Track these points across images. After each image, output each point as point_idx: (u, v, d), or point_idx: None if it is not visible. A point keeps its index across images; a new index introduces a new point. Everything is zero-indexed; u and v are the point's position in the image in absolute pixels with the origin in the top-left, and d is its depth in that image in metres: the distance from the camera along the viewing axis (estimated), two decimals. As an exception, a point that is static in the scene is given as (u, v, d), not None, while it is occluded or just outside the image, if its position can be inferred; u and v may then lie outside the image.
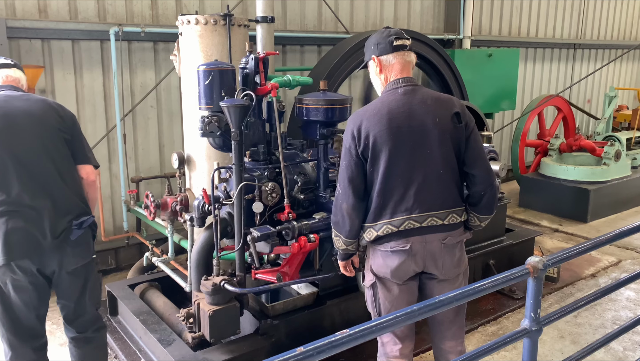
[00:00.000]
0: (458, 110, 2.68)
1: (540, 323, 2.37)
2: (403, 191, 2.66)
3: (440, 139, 2.65)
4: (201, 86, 3.37)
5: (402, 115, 2.65)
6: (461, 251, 2.81)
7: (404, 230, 2.66)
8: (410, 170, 2.65)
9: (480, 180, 2.71)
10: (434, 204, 2.67)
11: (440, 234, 2.69)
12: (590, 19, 10.44)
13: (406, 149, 2.64)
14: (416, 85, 2.74)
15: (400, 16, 7.55)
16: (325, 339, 1.69)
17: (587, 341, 4.19)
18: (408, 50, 2.75)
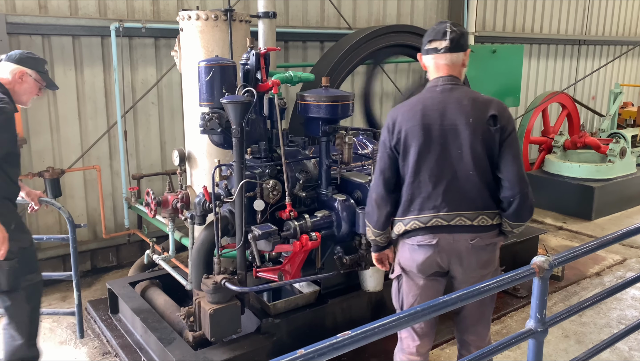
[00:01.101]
0: (495, 112, 2.64)
1: (546, 323, 2.33)
2: (432, 188, 2.68)
3: (471, 139, 2.63)
4: (202, 82, 3.34)
5: (435, 113, 2.68)
6: (491, 254, 2.78)
7: (431, 227, 2.69)
8: (439, 168, 2.67)
9: (509, 186, 2.66)
10: (463, 204, 2.68)
11: (468, 235, 2.68)
12: (595, 15, 10.35)
13: (436, 147, 2.67)
14: (457, 84, 2.74)
15: (404, 12, 7.49)
16: (326, 341, 1.65)
17: (592, 340, 4.15)
18: (443, 52, 2.72)
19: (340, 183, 3.68)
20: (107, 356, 3.97)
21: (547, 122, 8.38)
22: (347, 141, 3.55)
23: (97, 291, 5.10)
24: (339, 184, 3.68)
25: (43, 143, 5.10)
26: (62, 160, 5.22)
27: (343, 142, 3.56)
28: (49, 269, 5.28)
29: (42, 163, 5.08)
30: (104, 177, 5.40)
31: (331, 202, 3.52)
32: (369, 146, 4.50)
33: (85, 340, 4.19)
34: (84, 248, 5.43)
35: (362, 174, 3.72)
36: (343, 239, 3.54)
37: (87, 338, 4.22)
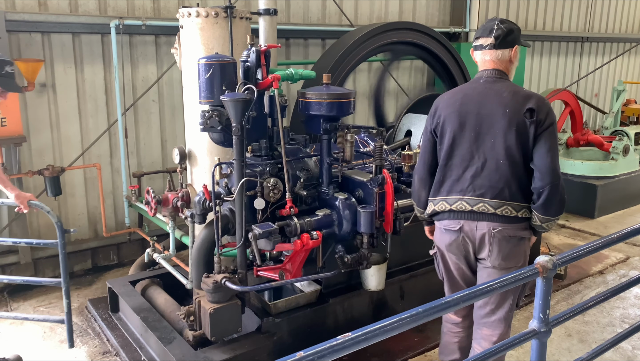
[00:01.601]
0: (533, 106, 2.71)
1: (550, 324, 2.30)
2: (461, 172, 2.85)
3: (505, 130, 2.74)
4: (201, 80, 3.31)
5: (473, 102, 2.84)
6: (515, 247, 2.84)
7: (456, 210, 2.85)
8: (471, 154, 2.83)
9: (540, 177, 2.72)
10: (488, 191, 2.79)
11: (491, 223, 2.79)
12: (598, 11, 10.29)
13: (471, 134, 2.82)
14: (500, 78, 2.86)
15: (406, 9, 7.45)
16: (326, 343, 1.62)
17: (595, 339, 4.13)
18: (488, 49, 2.87)
19: (342, 181, 3.65)
20: (107, 355, 3.95)
21: (550, 120, 8.32)
22: (348, 139, 3.52)
23: (98, 289, 5.08)
24: (341, 183, 3.65)
25: (43, 141, 5.08)
26: (63, 158, 5.20)
27: (344, 140, 3.53)
28: (50, 268, 5.28)
29: (42, 161, 5.06)
30: (104, 175, 5.38)
31: (332, 200, 3.49)
32: (371, 144, 4.47)
33: (86, 338, 4.18)
34: (84, 246, 5.42)
35: (364, 173, 3.69)
36: (344, 238, 3.52)
37: (87, 336, 4.21)
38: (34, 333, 4.27)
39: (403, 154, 4.06)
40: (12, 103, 4.48)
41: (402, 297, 4.27)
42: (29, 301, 4.83)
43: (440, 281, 4.51)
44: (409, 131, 4.99)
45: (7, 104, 4.45)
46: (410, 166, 4.07)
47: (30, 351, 4.00)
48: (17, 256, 5.02)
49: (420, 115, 4.97)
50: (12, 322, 4.44)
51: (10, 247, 5.09)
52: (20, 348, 4.05)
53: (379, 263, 3.77)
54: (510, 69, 2.91)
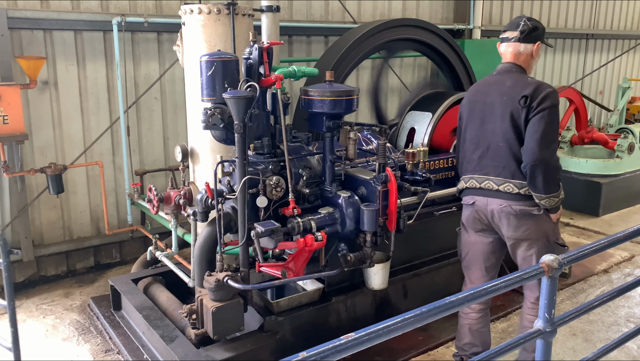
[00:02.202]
0: (527, 93, 3.01)
1: (555, 324, 2.28)
2: (470, 154, 3.29)
3: (502, 116, 3.10)
4: (203, 77, 3.28)
5: (482, 91, 3.25)
6: (524, 221, 3.14)
7: (470, 187, 3.31)
8: (478, 138, 3.24)
9: (524, 157, 3.04)
10: (492, 170, 3.18)
11: (497, 200, 3.17)
12: (603, 8, 10.22)
13: (477, 120, 3.24)
14: (512, 71, 3.19)
15: (409, 6, 7.41)
16: (329, 343, 1.60)
17: (599, 338, 4.10)
18: (513, 42, 3.19)
19: (345, 179, 3.63)
20: (110, 353, 3.95)
21: (554, 118, 8.27)
22: (351, 136, 3.49)
23: (100, 287, 5.08)
24: (344, 181, 3.63)
25: (45, 139, 5.08)
26: (65, 156, 5.19)
27: (347, 137, 3.50)
28: (52, 265, 5.28)
29: (45, 159, 5.06)
30: (106, 173, 5.37)
31: (335, 199, 3.46)
32: (374, 142, 4.45)
33: (88, 336, 4.17)
34: (86, 244, 5.41)
35: (367, 170, 3.67)
36: (347, 236, 3.49)
37: (90, 335, 4.20)
38: (36, 330, 4.27)
39: (406, 152, 4.03)
40: (14, 101, 4.47)
41: (406, 296, 4.25)
42: (31, 299, 4.83)
43: (443, 280, 4.51)
44: (413, 128, 4.96)
45: (9, 102, 4.44)
46: (413, 163, 4.04)
47: (33, 349, 4.00)
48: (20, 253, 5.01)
49: (424, 112, 4.94)
50: (15, 320, 4.44)
51: (13, 244, 5.09)
52: (22, 346, 4.04)
53: (382, 261, 3.75)
54: (530, 63, 3.22)
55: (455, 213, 4.56)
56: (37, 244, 5.19)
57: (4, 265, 2.94)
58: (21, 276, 5.11)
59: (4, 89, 4.41)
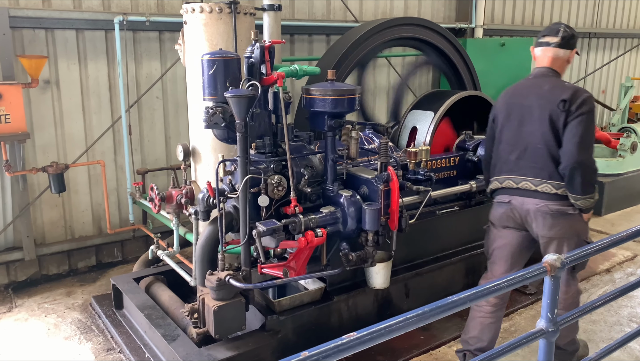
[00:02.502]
0: (566, 97, 3.13)
1: (557, 323, 2.27)
2: (507, 155, 3.38)
3: (540, 118, 3.21)
4: (205, 76, 3.28)
5: (519, 95, 3.36)
6: (558, 220, 3.24)
7: (506, 187, 3.39)
8: (515, 140, 3.34)
9: (563, 160, 3.15)
10: (530, 171, 3.28)
11: (534, 199, 3.26)
12: (605, 7, 10.19)
13: (515, 123, 3.34)
14: (548, 75, 3.31)
15: (411, 5, 7.39)
16: (331, 343, 1.59)
17: (602, 338, 4.09)
18: (553, 47, 3.31)
19: (347, 178, 3.62)
20: (111, 352, 3.95)
21: (557, 117, 8.25)
22: (353, 135, 3.49)
23: (102, 286, 5.08)
24: (345, 180, 3.62)
25: (47, 138, 5.08)
26: (66, 155, 5.19)
27: (349, 136, 3.49)
28: (54, 264, 5.28)
29: (46, 158, 5.06)
30: (108, 172, 5.37)
31: (337, 198, 3.46)
32: (376, 141, 4.44)
33: (90, 335, 4.17)
34: (88, 243, 5.41)
35: (369, 170, 3.66)
36: (349, 235, 3.49)
37: (92, 333, 4.20)
38: (38, 329, 4.27)
39: (408, 151, 4.02)
40: (16, 100, 4.47)
41: (407, 295, 4.24)
42: (33, 298, 4.83)
43: (444, 279, 4.51)
44: (414, 127, 4.95)
45: (11, 101, 4.45)
46: (415, 163, 4.03)
47: (34, 348, 4.00)
48: (22, 252, 5.03)
49: (426, 111, 4.93)
50: (17, 319, 4.45)
51: (15, 243, 5.10)
52: (24, 345, 4.05)
53: (384, 260, 3.74)
54: (564, 68, 3.38)
55: (457, 212, 4.56)
56: (39, 243, 5.19)
57: None
58: (23, 275, 5.11)
59: (6, 88, 4.41)
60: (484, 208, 4.81)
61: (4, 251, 5.05)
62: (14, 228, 5.06)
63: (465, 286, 4.65)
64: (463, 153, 4.71)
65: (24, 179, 4.91)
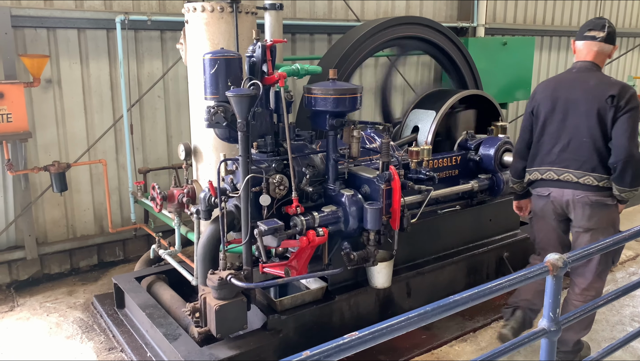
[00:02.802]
0: (614, 93, 3.23)
1: (560, 323, 2.27)
2: (550, 147, 3.45)
3: (587, 113, 3.29)
4: (207, 75, 3.28)
5: (563, 88, 3.43)
6: (597, 210, 3.36)
7: (546, 179, 3.46)
8: (558, 132, 3.41)
9: (614, 154, 3.24)
10: (572, 163, 3.36)
11: (574, 191, 3.35)
12: (607, 6, 10.16)
13: (559, 116, 3.41)
14: (591, 69, 3.40)
15: (413, 4, 7.38)
16: (333, 342, 1.59)
17: (604, 338, 4.08)
18: (599, 41, 3.39)
19: (348, 177, 3.62)
20: (113, 351, 3.95)
21: (558, 116, 8.24)
22: (354, 134, 3.49)
23: (104, 285, 5.08)
24: (347, 179, 3.62)
25: (49, 137, 5.08)
26: (68, 154, 5.19)
27: (351, 136, 3.49)
28: (56, 263, 5.29)
29: (48, 157, 5.06)
30: (110, 171, 5.38)
31: (338, 197, 3.46)
32: (377, 140, 4.43)
33: (91, 334, 4.18)
34: (90, 242, 5.42)
35: (370, 169, 3.66)
36: (351, 234, 3.49)
37: (93, 333, 4.21)
38: (40, 328, 4.28)
39: (410, 150, 4.02)
40: (18, 99, 4.48)
41: (409, 295, 4.24)
42: (35, 297, 4.84)
43: (446, 279, 4.51)
44: (416, 126, 4.94)
45: (13, 100, 4.45)
46: (417, 162, 4.03)
47: (36, 347, 4.01)
48: (24, 251, 5.03)
49: (428, 110, 4.92)
50: (18, 318, 4.45)
51: (17, 242, 5.11)
52: (26, 344, 4.06)
53: (386, 260, 3.74)
54: (604, 63, 3.48)
55: (459, 212, 4.55)
56: (41, 242, 5.20)
57: None
58: (25, 274, 5.12)
59: (8, 87, 4.42)
60: (486, 208, 4.82)
61: (6, 250, 5.05)
62: (16, 227, 5.06)
63: (467, 285, 4.65)
64: (465, 152, 4.70)
65: (26, 179, 4.92)
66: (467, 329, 4.19)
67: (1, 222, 5.00)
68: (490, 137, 4.71)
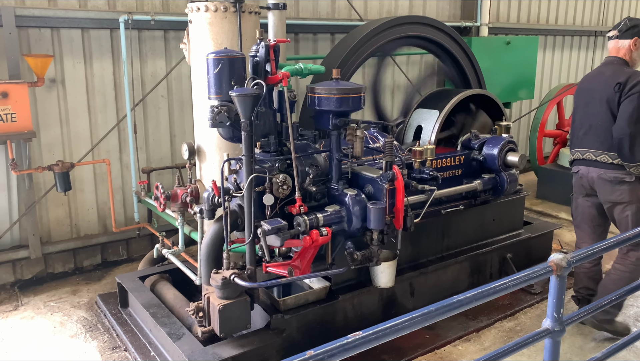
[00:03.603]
0: (621, 81, 3.72)
1: (563, 323, 2.26)
2: (577, 132, 4.06)
3: (600, 99, 3.85)
4: (210, 75, 3.28)
5: (588, 81, 4.05)
6: (618, 186, 3.83)
7: (576, 159, 4.08)
8: (583, 119, 4.02)
9: (614, 132, 3.74)
10: (592, 144, 3.93)
11: (595, 168, 3.91)
12: (612, 5, 10.13)
13: (583, 105, 4.01)
14: (613, 62, 3.93)
15: (416, 3, 7.38)
16: (336, 341, 1.59)
17: (608, 337, 4.06)
18: (614, 38, 3.94)
19: (351, 177, 3.62)
20: (117, 350, 3.96)
21: (562, 115, 8.22)
22: (358, 134, 3.48)
23: (107, 284, 5.10)
24: (350, 179, 3.62)
25: (53, 137, 5.10)
26: (72, 153, 5.21)
27: (354, 135, 3.49)
28: (60, 263, 5.31)
29: (52, 157, 5.08)
30: (113, 170, 5.39)
31: (342, 197, 3.46)
32: (380, 140, 4.43)
33: (95, 333, 4.19)
34: (94, 241, 5.43)
35: (374, 168, 3.66)
36: (354, 234, 3.49)
37: (97, 332, 4.22)
38: (44, 327, 4.29)
39: (413, 150, 4.01)
40: (22, 98, 4.49)
41: (412, 294, 4.24)
42: (39, 296, 4.86)
43: (450, 278, 4.51)
44: (420, 126, 4.94)
45: (17, 100, 4.46)
46: (420, 162, 4.02)
47: (41, 346, 4.02)
48: (28, 251, 5.05)
49: (431, 110, 4.91)
50: (23, 317, 4.47)
51: (21, 242, 5.12)
52: (30, 343, 4.07)
53: (389, 259, 3.74)
54: (632, 57, 3.92)
55: (462, 211, 4.55)
56: (45, 241, 5.21)
57: None
58: (29, 274, 5.14)
59: (12, 87, 4.43)
60: (489, 207, 4.81)
61: (10, 249, 5.07)
62: (20, 226, 5.08)
63: (470, 285, 4.65)
64: (468, 152, 4.69)
65: (30, 178, 4.94)
66: (471, 329, 4.18)
67: (5, 221, 5.02)
68: (493, 136, 4.70)
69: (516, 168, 4.64)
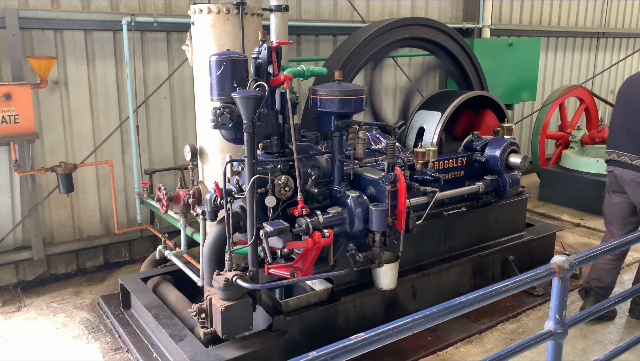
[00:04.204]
0: None
1: (566, 325, 2.26)
2: (615, 133, 4.21)
3: (637, 107, 4.00)
4: (213, 77, 3.29)
5: (628, 85, 4.21)
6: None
7: (612, 160, 4.19)
8: (620, 123, 4.17)
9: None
10: (628, 148, 4.07)
11: (631, 171, 4.05)
12: (614, 7, 10.12)
13: (622, 109, 4.16)
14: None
15: (418, 4, 7.38)
16: (339, 343, 1.59)
17: (610, 340, 4.06)
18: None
19: (354, 178, 3.62)
20: (119, 351, 3.97)
21: (565, 117, 8.21)
22: (360, 136, 3.48)
23: (110, 286, 5.10)
24: (352, 180, 3.62)
25: (55, 138, 5.11)
26: (75, 155, 5.22)
27: (356, 137, 3.49)
28: (62, 264, 5.32)
29: (55, 158, 5.09)
30: (116, 172, 5.40)
31: (344, 198, 3.46)
32: (383, 141, 4.43)
33: (98, 335, 4.20)
34: (96, 242, 5.44)
35: (376, 170, 3.66)
36: (356, 236, 3.49)
37: (100, 333, 4.22)
38: (46, 328, 4.30)
39: (415, 152, 4.01)
40: (25, 100, 4.50)
41: (415, 296, 4.24)
42: (42, 297, 4.87)
43: (452, 280, 4.50)
44: (422, 128, 4.94)
45: (20, 101, 4.48)
46: (422, 163, 4.02)
47: (43, 347, 4.03)
48: (30, 252, 5.06)
49: (433, 112, 4.91)
50: (25, 318, 4.48)
51: (24, 243, 5.13)
52: (33, 344, 4.08)
53: (391, 261, 3.74)
54: None
55: (465, 213, 4.54)
56: (48, 242, 5.23)
57: None
58: (32, 275, 5.15)
59: (15, 88, 4.45)
60: (491, 209, 4.80)
61: (13, 250, 5.08)
62: (23, 227, 5.09)
63: (472, 287, 4.64)
64: (470, 154, 4.69)
65: (32, 179, 4.95)
66: (473, 331, 4.18)
67: (8, 222, 5.04)
68: (496, 138, 4.70)
69: (518, 170, 4.64)
